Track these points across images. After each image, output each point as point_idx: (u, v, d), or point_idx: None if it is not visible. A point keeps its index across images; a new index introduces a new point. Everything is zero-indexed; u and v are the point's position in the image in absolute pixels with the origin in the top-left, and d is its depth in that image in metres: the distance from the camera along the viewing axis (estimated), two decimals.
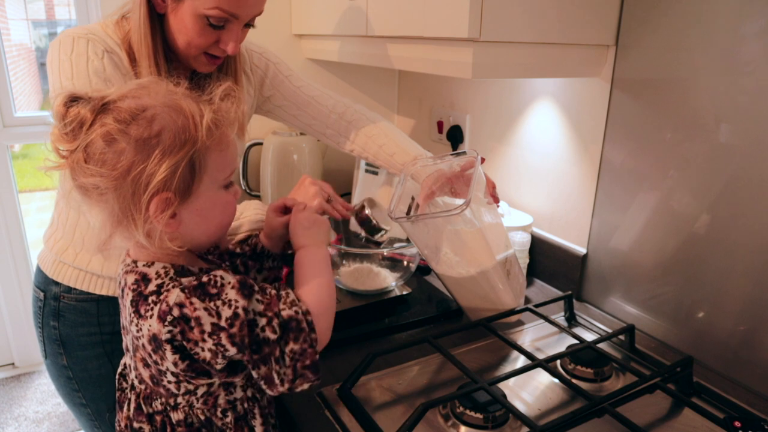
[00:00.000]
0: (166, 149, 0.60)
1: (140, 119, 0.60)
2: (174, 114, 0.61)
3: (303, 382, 0.65)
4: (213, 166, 0.64)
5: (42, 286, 1.01)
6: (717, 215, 0.93)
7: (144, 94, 0.63)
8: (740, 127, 0.88)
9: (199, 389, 0.68)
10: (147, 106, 0.61)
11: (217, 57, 0.92)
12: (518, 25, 0.96)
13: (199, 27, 0.86)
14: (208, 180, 0.64)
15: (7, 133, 2.12)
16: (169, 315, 0.59)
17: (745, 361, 0.92)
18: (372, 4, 1.18)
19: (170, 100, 0.63)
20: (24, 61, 4.05)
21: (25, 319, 2.38)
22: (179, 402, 0.68)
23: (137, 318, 0.63)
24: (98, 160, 0.60)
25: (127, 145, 0.59)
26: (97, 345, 1.01)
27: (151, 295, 0.62)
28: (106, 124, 0.59)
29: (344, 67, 1.71)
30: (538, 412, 0.85)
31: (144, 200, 0.60)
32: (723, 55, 0.89)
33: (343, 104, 1.14)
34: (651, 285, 1.06)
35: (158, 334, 0.60)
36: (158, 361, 0.63)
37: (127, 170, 0.59)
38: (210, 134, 0.62)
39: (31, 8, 3.88)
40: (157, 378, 0.67)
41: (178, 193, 0.62)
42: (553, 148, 1.26)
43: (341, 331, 1.03)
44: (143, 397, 0.70)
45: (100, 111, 0.61)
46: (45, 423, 2.13)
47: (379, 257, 1.23)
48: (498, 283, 1.00)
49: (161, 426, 0.69)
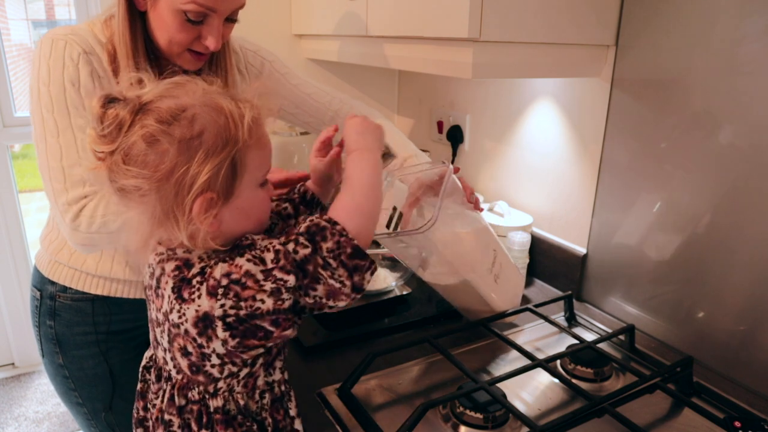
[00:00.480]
0: (209, 150, 0.60)
1: (181, 119, 0.60)
2: (214, 113, 0.61)
3: (361, 276, 0.64)
4: (253, 164, 0.64)
5: (39, 286, 1.02)
6: (717, 215, 0.93)
7: (181, 93, 0.63)
8: (740, 127, 0.88)
9: (242, 371, 0.67)
10: (186, 106, 0.61)
11: (202, 54, 0.91)
12: (518, 25, 0.96)
13: (178, 23, 0.85)
14: (248, 179, 0.64)
15: (7, 133, 2.12)
16: (219, 288, 0.59)
17: (745, 361, 0.92)
18: (372, 4, 1.18)
19: (208, 99, 0.62)
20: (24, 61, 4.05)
21: (25, 319, 2.38)
22: (219, 387, 0.67)
23: (179, 303, 0.62)
24: (140, 162, 0.60)
25: (170, 146, 0.59)
26: (92, 344, 1.01)
27: (195, 278, 0.62)
28: (146, 125, 0.59)
29: (344, 67, 1.71)
30: (538, 412, 0.85)
31: (188, 201, 0.60)
32: (723, 55, 0.89)
33: (339, 100, 1.14)
34: (651, 285, 1.06)
35: (210, 311, 0.60)
36: (203, 344, 0.62)
37: (171, 171, 0.59)
38: (251, 133, 0.63)
39: (31, 8, 3.88)
40: (197, 365, 0.65)
41: (221, 193, 0.62)
42: (553, 148, 1.26)
43: (341, 331, 1.03)
44: (179, 387, 0.69)
45: (138, 112, 0.60)
46: (45, 423, 2.13)
47: (379, 257, 1.24)
48: (484, 288, 0.99)
49: (197, 416, 0.68)
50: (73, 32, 0.87)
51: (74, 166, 0.84)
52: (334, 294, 0.64)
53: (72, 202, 0.83)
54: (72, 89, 0.84)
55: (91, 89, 0.85)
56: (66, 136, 0.84)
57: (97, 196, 0.84)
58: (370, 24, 1.20)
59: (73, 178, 0.83)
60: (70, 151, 0.84)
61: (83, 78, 0.85)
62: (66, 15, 3.95)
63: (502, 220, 1.28)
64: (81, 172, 0.83)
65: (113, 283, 0.99)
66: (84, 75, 0.85)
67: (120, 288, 1.00)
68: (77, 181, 0.83)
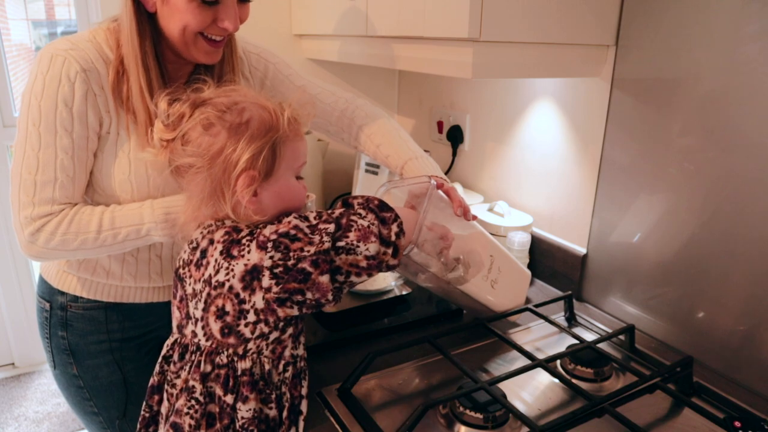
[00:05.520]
0: (254, 134, 0.71)
1: (233, 110, 0.72)
2: (260, 108, 0.73)
3: (389, 226, 0.71)
4: (289, 154, 0.75)
5: (47, 297, 1.00)
6: (717, 215, 0.93)
7: (234, 94, 0.75)
8: (740, 127, 0.88)
9: (272, 334, 0.72)
10: (238, 101, 0.73)
11: (217, 41, 0.89)
12: (518, 25, 0.96)
13: (192, 6, 0.83)
14: (285, 166, 0.75)
15: (7, 133, 2.12)
16: (268, 242, 0.67)
17: (745, 361, 0.92)
18: (372, 4, 1.18)
19: (256, 99, 0.75)
20: (24, 61, 4.05)
21: (25, 320, 2.38)
22: (249, 348, 0.72)
23: (228, 261, 0.69)
24: (196, 143, 0.72)
25: (223, 128, 0.71)
26: (107, 353, 1.01)
27: (244, 237, 0.70)
28: (205, 113, 0.72)
29: (344, 67, 1.71)
30: (538, 412, 0.85)
31: (233, 176, 0.71)
32: (723, 55, 0.89)
33: (345, 100, 1.12)
34: (651, 285, 1.06)
35: (259, 263, 0.67)
36: (245, 299, 0.68)
37: (221, 150, 0.71)
38: (289, 126, 0.74)
39: (31, 8, 3.87)
40: (231, 325, 0.70)
41: (262, 173, 0.72)
42: (553, 148, 1.26)
43: (341, 331, 1.03)
44: (207, 353, 0.72)
45: (198, 106, 0.73)
46: (45, 423, 2.13)
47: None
48: (481, 295, 0.99)
49: (224, 380, 0.71)
50: (74, 47, 0.85)
51: (47, 183, 0.84)
52: (365, 236, 0.69)
53: (35, 218, 0.84)
54: (64, 109, 0.84)
55: (83, 112, 0.85)
56: (47, 153, 0.84)
57: (60, 214, 0.85)
58: (370, 24, 1.20)
59: (43, 195, 0.84)
60: (47, 168, 0.84)
61: (77, 99, 0.84)
62: (66, 15, 3.95)
63: (502, 220, 1.28)
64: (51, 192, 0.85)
65: (125, 289, 0.99)
66: (78, 96, 0.84)
67: (132, 293, 1.00)
68: (46, 199, 0.84)
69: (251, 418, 0.71)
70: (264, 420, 0.73)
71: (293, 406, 0.76)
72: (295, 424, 0.76)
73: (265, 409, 0.73)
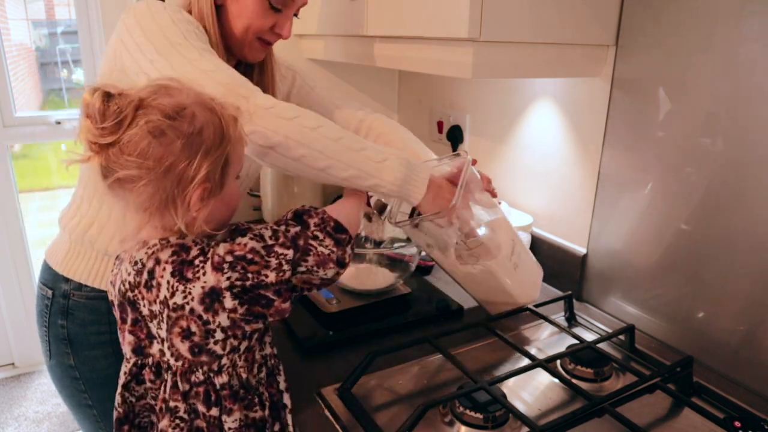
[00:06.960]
0: (209, 147, 0.66)
1: (184, 116, 0.66)
2: (208, 113, 0.68)
3: (344, 249, 0.72)
4: (235, 158, 0.71)
5: (50, 284, 0.99)
6: (717, 215, 0.93)
7: (173, 93, 0.68)
8: (740, 127, 0.88)
9: (242, 344, 0.71)
10: (185, 104, 0.67)
11: (269, 43, 0.99)
12: (518, 25, 0.96)
13: (260, 9, 0.93)
14: (231, 172, 0.72)
15: (7, 133, 2.12)
16: (224, 263, 0.64)
17: (745, 361, 0.92)
18: (372, 4, 1.18)
19: (199, 99, 0.68)
20: (24, 61, 4.05)
21: (25, 319, 2.38)
22: (223, 364, 0.70)
23: (183, 284, 0.65)
24: (144, 153, 0.64)
25: (177, 139, 0.65)
26: (107, 344, 1.00)
27: (196, 258, 0.66)
28: (152, 120, 0.64)
29: (344, 67, 1.71)
30: (538, 412, 0.85)
31: (189, 191, 0.66)
32: (723, 55, 0.89)
33: (363, 111, 1.17)
34: (651, 285, 1.06)
35: (217, 285, 0.64)
36: (209, 320, 0.66)
37: (175, 164, 0.64)
38: (235, 130, 0.70)
39: (31, 8, 3.87)
40: (200, 345, 0.68)
41: (216, 185, 0.69)
42: (553, 148, 1.26)
43: (341, 331, 1.03)
44: (180, 373, 0.70)
45: (139, 107, 0.65)
46: (45, 423, 2.13)
47: (379, 257, 1.23)
48: (505, 277, 1.00)
49: (204, 396, 0.70)
50: None
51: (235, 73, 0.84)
52: (323, 263, 0.70)
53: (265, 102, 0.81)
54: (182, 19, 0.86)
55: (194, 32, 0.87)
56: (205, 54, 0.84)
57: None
58: (370, 24, 1.20)
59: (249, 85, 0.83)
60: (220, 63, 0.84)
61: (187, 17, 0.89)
62: (66, 15, 3.95)
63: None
64: None
65: None
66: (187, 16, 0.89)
67: None
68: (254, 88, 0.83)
69: (239, 427, 0.71)
70: (252, 424, 0.73)
71: (274, 404, 0.76)
72: (279, 419, 0.76)
73: (250, 414, 0.72)
